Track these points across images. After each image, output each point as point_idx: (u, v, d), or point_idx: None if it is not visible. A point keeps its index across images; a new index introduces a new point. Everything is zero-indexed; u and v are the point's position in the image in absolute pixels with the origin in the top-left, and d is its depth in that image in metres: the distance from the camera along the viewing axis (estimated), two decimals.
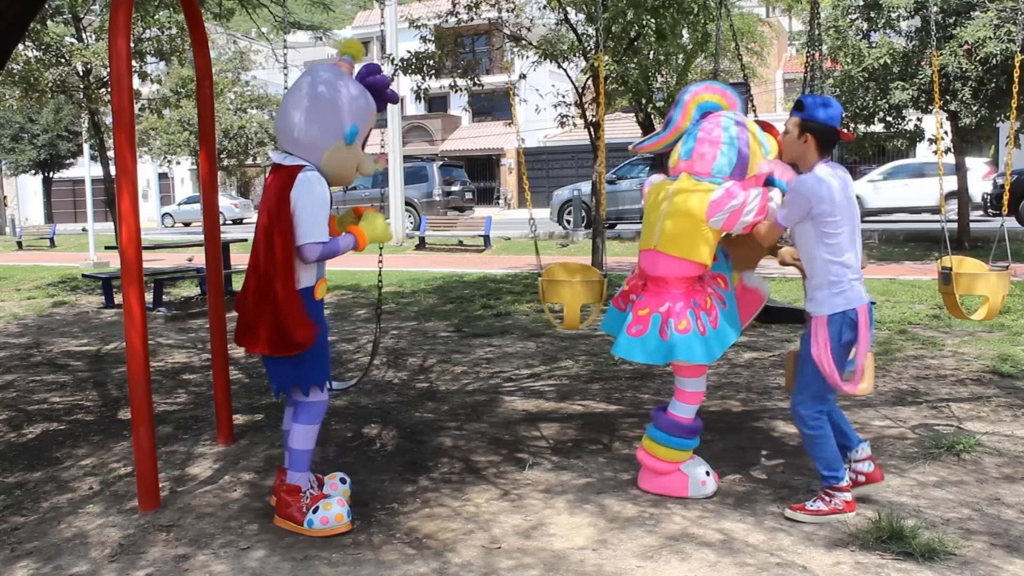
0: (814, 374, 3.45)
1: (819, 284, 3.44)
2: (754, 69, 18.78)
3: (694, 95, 3.83)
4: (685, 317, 3.60)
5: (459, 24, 10.70)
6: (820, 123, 3.42)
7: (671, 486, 3.79)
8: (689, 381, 3.77)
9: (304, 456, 3.56)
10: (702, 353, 3.58)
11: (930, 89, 12.06)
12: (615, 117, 27.78)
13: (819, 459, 3.51)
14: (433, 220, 20.07)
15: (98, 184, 17.94)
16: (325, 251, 3.37)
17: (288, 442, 3.58)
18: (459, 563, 3.19)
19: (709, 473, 3.81)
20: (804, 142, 3.45)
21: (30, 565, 3.26)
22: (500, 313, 9.13)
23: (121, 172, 3.66)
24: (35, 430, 5.13)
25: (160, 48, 13.57)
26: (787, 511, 3.52)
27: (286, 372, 3.49)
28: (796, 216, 3.43)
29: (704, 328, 3.61)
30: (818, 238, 3.40)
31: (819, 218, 3.37)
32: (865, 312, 3.42)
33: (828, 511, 3.46)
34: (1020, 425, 4.67)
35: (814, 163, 3.46)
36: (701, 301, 3.65)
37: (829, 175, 3.39)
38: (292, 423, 3.57)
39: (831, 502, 3.47)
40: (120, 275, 3.73)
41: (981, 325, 7.25)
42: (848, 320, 3.39)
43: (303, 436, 3.54)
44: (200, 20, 4.70)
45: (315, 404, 3.54)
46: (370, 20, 38.81)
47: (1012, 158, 5.87)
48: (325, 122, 3.39)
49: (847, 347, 3.44)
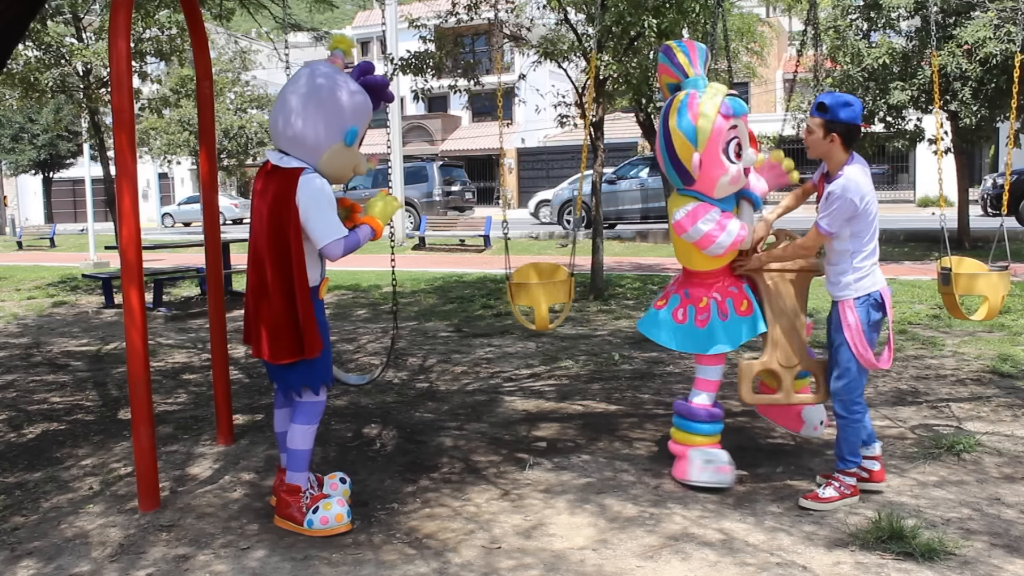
0: (849, 358, 3.60)
1: (844, 270, 3.61)
2: (754, 69, 18.75)
3: (659, 79, 4.02)
4: (682, 309, 3.88)
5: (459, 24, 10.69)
6: (845, 123, 3.52)
7: (681, 470, 3.93)
8: (703, 369, 3.94)
9: (303, 456, 3.55)
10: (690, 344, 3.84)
11: (930, 89, 12.06)
12: (615, 117, 27.76)
13: (845, 441, 3.65)
14: (433, 220, 20.07)
15: (98, 184, 17.93)
16: (348, 244, 3.40)
17: (287, 443, 3.58)
18: (459, 563, 3.19)
19: (712, 461, 3.82)
20: (830, 141, 3.55)
21: (31, 565, 3.27)
22: (500, 313, 9.13)
23: (121, 172, 3.66)
24: (35, 430, 5.13)
25: (160, 48, 13.55)
26: (801, 501, 3.63)
27: (296, 374, 3.49)
28: (840, 220, 3.52)
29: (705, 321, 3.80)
30: (850, 230, 3.55)
31: (856, 214, 3.51)
32: (887, 293, 3.64)
33: (839, 496, 3.59)
34: (1020, 425, 4.67)
35: (842, 160, 3.56)
36: (693, 294, 3.88)
37: (861, 172, 3.51)
38: (291, 423, 3.57)
39: (840, 487, 3.62)
40: (120, 275, 3.73)
41: (981, 325, 7.25)
42: (873, 301, 3.59)
43: (302, 436, 3.53)
44: (200, 20, 4.70)
45: (316, 404, 3.54)
46: (370, 20, 38.82)
47: (1012, 158, 5.86)
48: (326, 123, 3.37)
49: (875, 327, 3.61)
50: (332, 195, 3.40)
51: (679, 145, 3.69)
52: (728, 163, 3.66)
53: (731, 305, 3.79)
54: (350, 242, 3.42)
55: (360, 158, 3.57)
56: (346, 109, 3.41)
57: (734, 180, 3.71)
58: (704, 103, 3.66)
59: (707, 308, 3.80)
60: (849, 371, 3.61)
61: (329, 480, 3.75)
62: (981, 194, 19.13)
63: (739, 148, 3.69)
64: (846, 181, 3.48)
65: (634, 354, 6.81)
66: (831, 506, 3.57)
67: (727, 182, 3.69)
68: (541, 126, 27.72)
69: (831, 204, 3.50)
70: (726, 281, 3.86)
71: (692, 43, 3.88)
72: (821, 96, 3.59)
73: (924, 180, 26.51)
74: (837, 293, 3.65)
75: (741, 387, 3.83)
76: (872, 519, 3.38)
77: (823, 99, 3.55)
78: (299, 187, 3.32)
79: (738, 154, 3.69)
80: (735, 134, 3.67)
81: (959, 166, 14.02)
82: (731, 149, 3.66)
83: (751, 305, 3.81)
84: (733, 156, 3.67)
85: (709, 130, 3.62)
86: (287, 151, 3.44)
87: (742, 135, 3.71)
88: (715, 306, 3.80)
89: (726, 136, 3.64)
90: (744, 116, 3.69)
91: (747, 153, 3.75)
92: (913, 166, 27.80)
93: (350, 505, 3.62)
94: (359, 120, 3.47)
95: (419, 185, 23.75)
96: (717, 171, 3.66)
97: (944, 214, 4.79)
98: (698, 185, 3.73)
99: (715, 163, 3.65)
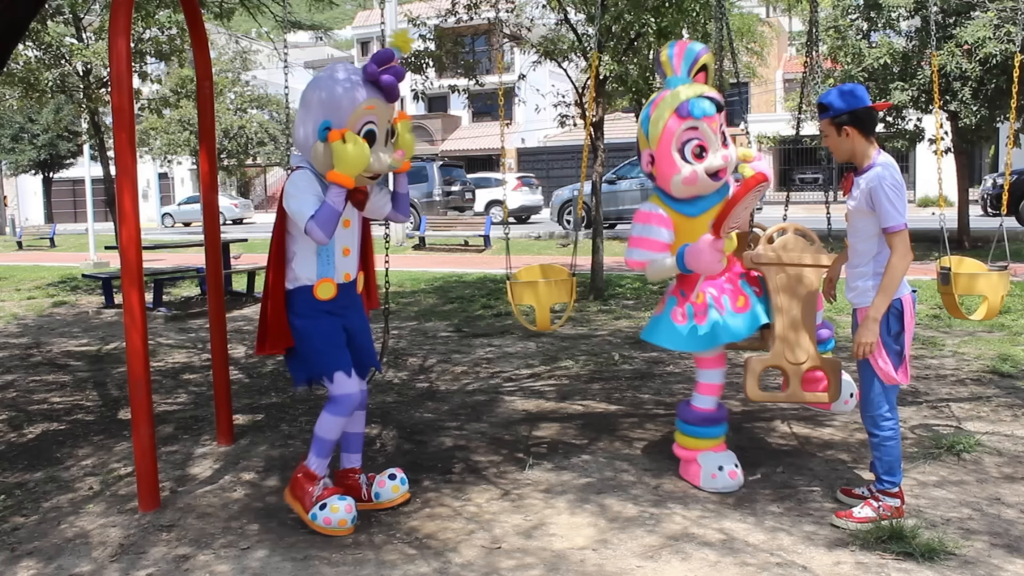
0: (870, 371, 3.39)
1: (865, 273, 3.42)
2: (754, 69, 18.77)
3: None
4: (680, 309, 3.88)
5: (459, 23, 10.69)
6: (849, 111, 3.37)
7: (691, 475, 3.93)
8: (704, 373, 3.93)
9: (324, 444, 3.58)
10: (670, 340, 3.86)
11: (930, 89, 12.06)
12: (615, 117, 27.75)
13: (880, 461, 3.44)
14: (433, 220, 20.06)
15: (98, 184, 17.92)
16: (320, 219, 3.27)
17: (315, 427, 3.62)
18: (460, 563, 3.19)
19: (723, 468, 3.82)
20: (846, 136, 3.39)
21: (31, 565, 3.27)
22: (500, 313, 9.13)
23: (121, 172, 3.67)
24: (35, 430, 5.13)
25: (160, 48, 13.55)
26: (835, 519, 3.44)
27: (290, 365, 3.62)
28: (903, 204, 3.30)
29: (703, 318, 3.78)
30: (880, 232, 3.33)
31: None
32: (910, 301, 3.40)
33: (876, 517, 3.37)
34: (1020, 425, 4.67)
35: (869, 151, 3.38)
36: (689, 293, 3.86)
37: (891, 159, 3.36)
38: (323, 411, 3.60)
39: (879, 507, 3.40)
40: (120, 275, 3.73)
41: (981, 325, 7.25)
42: (893, 310, 3.35)
43: (326, 425, 3.56)
44: (200, 20, 4.70)
45: (339, 396, 3.53)
46: (370, 20, 38.82)
47: (1012, 158, 5.86)
48: (306, 123, 3.41)
49: (896, 338, 3.38)
50: (312, 184, 3.35)
51: (639, 140, 3.84)
52: (681, 163, 3.67)
53: (727, 301, 3.77)
54: (321, 215, 3.25)
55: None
56: (315, 105, 3.38)
57: (688, 181, 3.68)
58: (664, 101, 3.72)
59: (704, 304, 3.80)
60: (872, 385, 3.40)
61: (378, 478, 3.77)
62: (981, 194, 19.14)
63: (700, 150, 3.67)
64: (883, 168, 3.29)
65: (634, 354, 6.81)
66: (866, 526, 3.36)
67: (680, 181, 3.69)
68: (541, 126, 27.73)
69: (885, 195, 3.25)
70: (720, 278, 3.84)
71: (683, 44, 3.89)
72: (820, 97, 3.52)
73: (924, 180, 26.52)
74: (856, 300, 3.46)
75: (747, 383, 3.75)
76: (872, 519, 3.37)
77: (822, 99, 3.48)
78: (286, 182, 3.43)
79: (698, 156, 3.67)
80: (694, 135, 3.66)
81: (959, 166, 14.03)
82: (688, 149, 3.66)
83: (748, 301, 3.78)
84: (691, 157, 3.67)
85: (660, 128, 3.68)
86: (300, 153, 3.54)
87: (706, 137, 3.67)
88: (712, 302, 3.79)
89: (680, 136, 3.65)
90: (709, 118, 3.64)
91: (715, 157, 3.67)
92: (913, 166, 27.80)
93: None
94: (333, 113, 3.33)
95: (419, 185, 23.75)
96: (669, 170, 3.69)
97: (944, 214, 4.79)
98: (659, 182, 3.80)
99: (667, 161, 3.69)
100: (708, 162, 3.67)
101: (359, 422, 3.78)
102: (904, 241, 3.27)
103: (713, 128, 3.68)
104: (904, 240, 3.27)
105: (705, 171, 3.67)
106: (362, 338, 3.69)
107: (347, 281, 3.59)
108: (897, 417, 3.45)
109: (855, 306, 3.49)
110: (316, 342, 3.50)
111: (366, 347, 3.71)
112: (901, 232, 3.26)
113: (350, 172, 3.27)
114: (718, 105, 3.70)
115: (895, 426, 3.42)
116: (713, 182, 3.73)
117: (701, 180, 3.69)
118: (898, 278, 3.29)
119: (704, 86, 3.80)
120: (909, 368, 3.47)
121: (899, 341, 3.39)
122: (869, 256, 3.41)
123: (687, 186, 3.71)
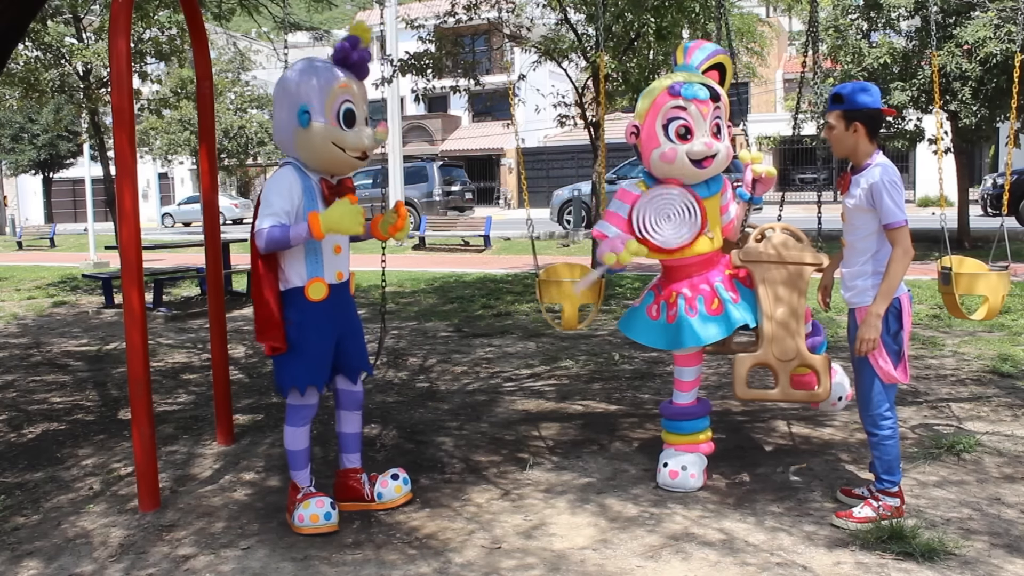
0: (869, 370, 3.40)
1: (863, 273, 3.41)
2: (754, 69, 18.77)
3: None
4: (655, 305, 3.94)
5: (458, 24, 10.69)
6: (865, 108, 3.35)
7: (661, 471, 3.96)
8: (680, 369, 3.97)
9: (294, 456, 3.61)
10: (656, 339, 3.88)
11: (930, 89, 12.06)
12: (615, 117, 27.74)
13: (880, 460, 3.43)
14: (433, 220, 20.06)
15: (98, 184, 17.94)
16: (270, 237, 3.25)
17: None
18: (460, 563, 3.19)
19: (686, 468, 3.82)
20: (854, 132, 3.37)
21: (32, 566, 3.27)
22: (500, 313, 9.13)
23: (121, 172, 3.67)
24: (35, 430, 5.13)
25: (160, 48, 13.56)
26: (835, 519, 3.44)
27: (276, 371, 3.57)
28: (902, 201, 3.31)
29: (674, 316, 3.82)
30: (879, 229, 3.34)
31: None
32: (907, 301, 3.42)
33: (876, 517, 3.37)
34: (1020, 425, 4.67)
35: (870, 152, 3.38)
36: (667, 292, 3.90)
37: (887, 160, 3.37)
38: (284, 424, 3.62)
39: (878, 507, 3.39)
40: (120, 275, 3.73)
41: (981, 325, 7.25)
42: (892, 310, 3.35)
43: (289, 438, 3.60)
44: (200, 20, 4.70)
45: (297, 407, 3.55)
46: (370, 20, 38.81)
47: (1012, 158, 5.86)
48: (281, 116, 3.41)
49: (895, 337, 3.39)
50: (288, 185, 3.33)
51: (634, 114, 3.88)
52: (663, 139, 3.67)
53: (701, 303, 3.76)
54: (272, 234, 3.24)
55: (342, 132, 3.36)
56: (290, 94, 3.37)
57: (666, 158, 3.66)
58: (661, 79, 3.80)
59: (675, 304, 3.80)
60: (872, 385, 3.39)
61: (381, 478, 3.78)
62: (981, 194, 19.14)
63: (685, 131, 3.66)
64: (882, 168, 3.30)
65: (634, 354, 6.81)
66: (866, 526, 3.36)
67: (658, 157, 3.68)
68: (541, 126, 27.71)
69: (886, 191, 3.26)
70: (697, 278, 3.83)
71: (703, 41, 3.96)
72: (836, 88, 3.47)
73: (924, 180, 26.50)
74: (854, 299, 3.44)
75: (736, 383, 3.74)
76: (872, 519, 3.37)
77: (838, 90, 3.42)
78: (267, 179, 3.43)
79: (682, 136, 3.66)
80: (681, 115, 3.66)
81: (959, 166, 14.03)
82: (672, 128, 3.67)
83: (722, 305, 3.76)
84: (674, 136, 3.67)
85: (650, 101, 3.72)
86: (285, 153, 3.50)
87: (693, 120, 3.66)
88: (683, 302, 3.78)
89: (667, 112, 3.67)
90: (700, 102, 3.64)
91: (698, 143, 3.66)
92: (913, 166, 27.79)
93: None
94: (312, 96, 3.32)
95: (419, 185, 23.76)
96: (650, 142, 3.71)
97: (944, 214, 4.79)
98: (642, 158, 3.80)
99: (650, 135, 3.71)
100: (690, 145, 3.66)
101: (353, 422, 3.77)
102: (905, 238, 3.28)
103: (703, 113, 3.67)
104: (905, 236, 3.28)
105: (686, 153, 3.65)
106: (354, 340, 3.67)
107: (339, 281, 3.56)
108: (896, 416, 3.46)
109: (853, 305, 3.47)
110: (302, 357, 3.46)
111: (358, 350, 3.69)
112: (902, 228, 3.28)
113: (332, 231, 3.26)
114: (713, 94, 3.69)
115: (894, 425, 3.43)
116: (695, 169, 3.69)
117: (679, 161, 3.66)
118: (900, 275, 3.30)
119: (706, 77, 3.80)
120: (908, 367, 3.48)
121: (898, 340, 3.40)
122: (868, 254, 3.40)
123: (664, 163, 3.69)
